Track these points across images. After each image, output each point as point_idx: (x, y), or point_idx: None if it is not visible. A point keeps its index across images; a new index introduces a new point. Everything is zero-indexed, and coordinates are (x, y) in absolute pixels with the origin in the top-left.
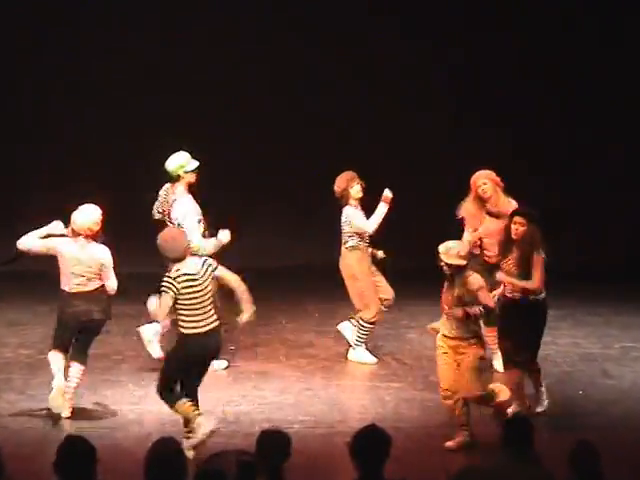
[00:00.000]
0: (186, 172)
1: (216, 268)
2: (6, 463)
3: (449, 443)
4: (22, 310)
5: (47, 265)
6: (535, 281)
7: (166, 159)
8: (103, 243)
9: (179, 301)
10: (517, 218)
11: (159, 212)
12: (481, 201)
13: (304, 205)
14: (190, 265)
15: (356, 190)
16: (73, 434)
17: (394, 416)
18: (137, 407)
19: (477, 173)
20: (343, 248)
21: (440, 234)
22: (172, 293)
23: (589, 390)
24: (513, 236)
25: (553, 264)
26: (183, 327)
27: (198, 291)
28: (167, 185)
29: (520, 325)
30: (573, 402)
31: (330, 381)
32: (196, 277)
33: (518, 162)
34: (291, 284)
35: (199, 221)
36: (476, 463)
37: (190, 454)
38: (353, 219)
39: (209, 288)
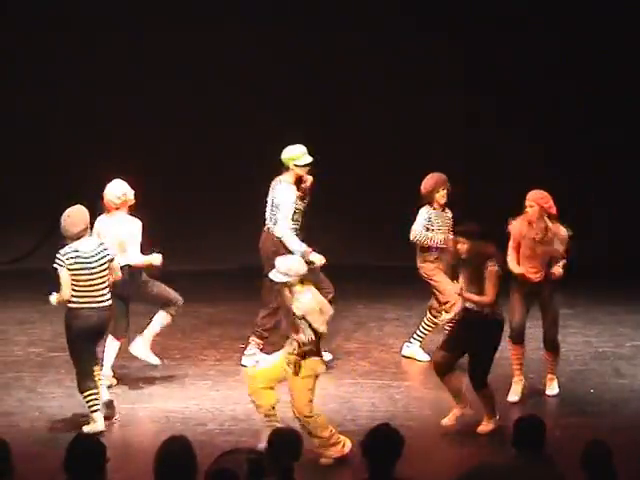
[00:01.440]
0: (296, 165)
1: (112, 259)
2: (16, 461)
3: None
4: (32, 309)
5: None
6: (489, 294)
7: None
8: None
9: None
10: (457, 237)
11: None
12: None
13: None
14: (85, 244)
15: (441, 195)
16: (83, 432)
17: (404, 415)
18: (147, 405)
19: (530, 192)
20: None
21: None
22: (64, 267)
23: (601, 389)
24: (461, 255)
25: (567, 261)
26: (71, 301)
27: (86, 269)
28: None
29: (476, 339)
30: (585, 401)
31: (340, 379)
32: (86, 257)
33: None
34: None
35: (294, 214)
36: (488, 462)
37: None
38: (416, 222)
39: (102, 272)
